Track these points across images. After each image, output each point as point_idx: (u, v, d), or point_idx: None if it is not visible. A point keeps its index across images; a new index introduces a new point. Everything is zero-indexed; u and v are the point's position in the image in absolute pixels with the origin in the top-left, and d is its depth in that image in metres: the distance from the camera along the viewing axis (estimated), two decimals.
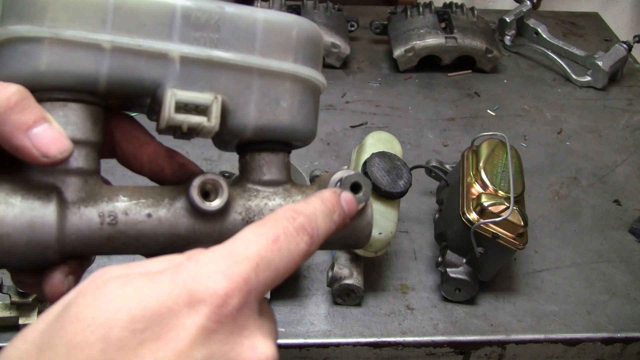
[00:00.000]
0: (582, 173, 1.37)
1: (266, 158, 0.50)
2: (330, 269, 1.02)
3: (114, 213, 0.45)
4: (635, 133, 1.51)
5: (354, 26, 1.70)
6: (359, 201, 0.48)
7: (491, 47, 1.62)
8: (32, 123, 0.42)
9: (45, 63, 0.43)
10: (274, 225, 0.42)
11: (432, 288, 1.08)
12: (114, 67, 0.44)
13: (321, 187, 0.50)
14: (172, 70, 0.46)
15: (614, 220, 1.26)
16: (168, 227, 0.46)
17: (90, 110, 0.46)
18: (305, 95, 0.50)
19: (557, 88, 1.64)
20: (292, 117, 0.49)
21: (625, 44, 1.64)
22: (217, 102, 0.46)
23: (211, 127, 0.46)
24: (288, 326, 1.00)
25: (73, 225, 0.44)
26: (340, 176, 0.48)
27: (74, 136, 0.44)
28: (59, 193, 0.44)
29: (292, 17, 0.49)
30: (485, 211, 0.98)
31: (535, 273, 1.13)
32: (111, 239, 0.45)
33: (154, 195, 0.47)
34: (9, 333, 0.94)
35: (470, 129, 1.46)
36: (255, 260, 0.39)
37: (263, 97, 0.48)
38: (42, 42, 0.43)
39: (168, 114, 0.45)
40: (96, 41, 0.44)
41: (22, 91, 0.42)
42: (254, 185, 0.50)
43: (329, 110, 1.47)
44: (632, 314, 1.06)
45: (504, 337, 1.02)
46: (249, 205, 0.48)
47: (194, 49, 0.46)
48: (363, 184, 0.48)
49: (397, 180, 0.97)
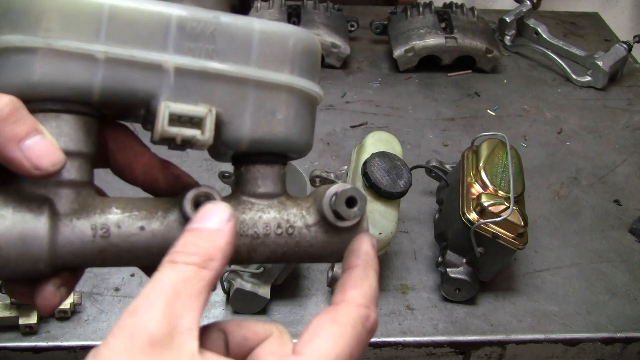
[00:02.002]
0: (582, 173, 1.37)
1: (261, 170, 0.49)
2: (330, 269, 1.02)
3: (106, 225, 0.45)
4: (635, 133, 1.51)
5: (354, 26, 1.70)
6: (354, 215, 0.47)
7: (491, 47, 1.62)
8: (24, 135, 0.41)
9: (39, 73, 0.43)
10: (350, 332, 0.43)
11: (432, 288, 1.08)
12: (107, 78, 0.44)
13: (317, 201, 0.49)
14: (166, 82, 0.45)
15: (614, 220, 1.26)
16: (161, 240, 0.46)
17: (83, 121, 0.45)
18: (301, 107, 0.49)
19: (557, 88, 1.64)
20: (288, 129, 0.48)
21: (625, 44, 1.64)
22: (211, 115, 0.45)
23: (205, 141, 0.45)
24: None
25: (65, 238, 0.44)
26: (335, 190, 0.48)
27: (66, 148, 0.44)
28: (51, 205, 0.44)
29: (289, 28, 0.48)
30: (485, 211, 0.98)
31: (535, 273, 1.13)
32: (103, 251, 0.45)
33: (148, 208, 0.46)
34: (9, 333, 0.94)
35: (470, 129, 1.46)
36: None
37: (258, 109, 0.47)
38: (35, 52, 0.43)
39: (162, 126, 0.44)
40: (90, 51, 0.43)
41: (14, 102, 0.41)
42: (249, 198, 0.49)
43: (329, 110, 1.47)
44: (632, 314, 1.06)
45: (504, 337, 1.02)
46: (243, 219, 0.48)
47: (189, 60, 0.45)
48: (358, 198, 0.47)
49: (397, 180, 0.97)
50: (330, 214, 0.48)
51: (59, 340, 0.95)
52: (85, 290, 1.02)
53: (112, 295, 1.02)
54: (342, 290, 0.45)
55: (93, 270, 1.04)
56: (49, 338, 0.95)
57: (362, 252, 0.47)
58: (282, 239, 0.48)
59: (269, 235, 0.48)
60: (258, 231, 0.48)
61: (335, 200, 0.47)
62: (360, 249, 0.47)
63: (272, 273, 0.98)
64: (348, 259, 0.47)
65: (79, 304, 0.98)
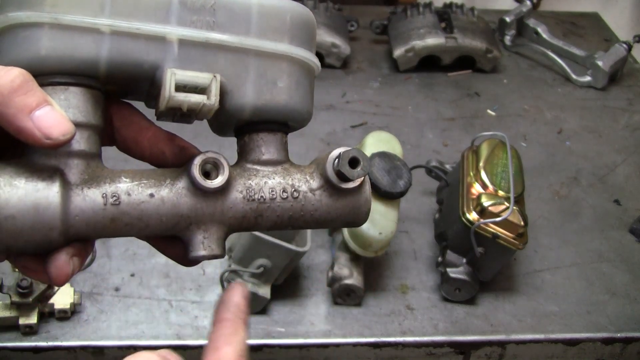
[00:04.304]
0: (582, 173, 1.37)
1: (264, 138, 0.51)
2: (330, 269, 1.02)
3: (116, 194, 0.46)
4: (635, 133, 1.51)
5: (354, 26, 1.70)
6: (357, 175, 0.49)
7: (491, 47, 1.62)
8: (34, 105, 0.42)
9: (46, 48, 0.44)
10: None
11: (432, 288, 1.08)
12: (113, 50, 0.45)
13: (320, 165, 0.51)
14: (170, 53, 0.46)
15: (614, 220, 1.26)
16: (170, 207, 0.47)
17: (90, 94, 0.46)
18: (301, 76, 0.51)
19: (557, 88, 1.64)
20: (290, 97, 0.50)
21: (625, 44, 1.64)
22: (216, 81, 0.47)
23: (211, 105, 0.47)
24: (288, 326, 1.00)
25: (77, 207, 0.45)
26: (338, 152, 0.49)
27: (75, 119, 0.45)
28: (62, 175, 0.45)
29: (286, 1, 0.51)
30: (485, 211, 0.98)
31: (535, 273, 1.13)
32: (114, 219, 0.46)
33: (156, 177, 0.48)
34: (9, 333, 0.94)
35: (470, 129, 1.46)
36: None
37: (260, 78, 0.49)
38: (42, 27, 0.44)
39: (169, 93, 0.46)
40: (95, 25, 0.45)
41: (24, 74, 0.43)
42: (253, 165, 0.50)
43: (329, 110, 1.46)
44: (632, 314, 1.06)
45: (504, 337, 1.02)
46: (250, 184, 0.49)
47: (192, 32, 0.47)
48: (361, 158, 0.48)
49: (397, 180, 0.97)
50: (334, 176, 0.49)
51: (59, 340, 0.95)
52: (85, 290, 1.02)
53: (112, 295, 1.02)
54: (215, 348, 0.47)
55: (93, 270, 1.04)
56: (49, 338, 0.95)
57: (232, 304, 0.49)
58: (288, 203, 0.49)
59: (275, 200, 0.49)
60: (264, 196, 0.49)
61: (339, 161, 0.48)
62: (231, 300, 0.49)
63: (272, 273, 0.98)
64: (219, 311, 0.49)
65: (79, 304, 0.98)
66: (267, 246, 0.94)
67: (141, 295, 1.03)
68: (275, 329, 0.99)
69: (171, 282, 1.05)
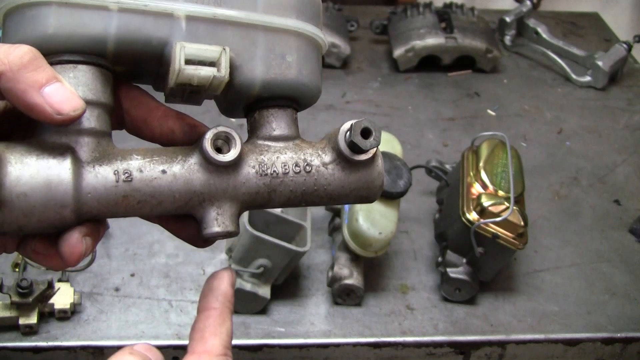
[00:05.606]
0: (582, 173, 1.37)
1: (275, 114, 0.51)
2: (330, 269, 1.02)
3: (128, 170, 0.45)
4: (635, 133, 1.51)
5: (354, 26, 1.70)
6: (370, 146, 0.48)
7: (491, 47, 1.62)
8: (44, 81, 0.42)
9: (54, 26, 0.44)
10: None
11: (432, 288, 1.08)
12: (121, 27, 0.45)
13: (332, 140, 0.50)
14: (178, 29, 0.47)
15: (614, 220, 1.26)
16: (183, 183, 0.46)
17: (99, 72, 0.46)
18: (309, 51, 0.51)
19: (557, 88, 1.64)
20: (298, 71, 0.50)
21: (625, 44, 1.64)
22: (225, 53, 0.47)
23: (222, 78, 0.46)
24: (288, 326, 1.00)
25: (89, 184, 0.44)
26: (350, 123, 0.49)
27: (85, 96, 0.45)
28: (73, 152, 0.45)
29: None
30: (485, 211, 0.98)
31: (535, 273, 1.13)
32: (127, 197, 0.45)
33: (167, 154, 0.47)
34: (9, 333, 0.94)
35: (470, 129, 1.46)
36: None
37: (269, 53, 0.49)
38: (49, 5, 0.44)
39: (178, 66, 0.45)
40: (103, 3, 0.45)
41: (33, 51, 0.43)
42: (265, 141, 0.50)
43: (329, 110, 1.46)
44: (632, 314, 1.06)
45: (504, 337, 1.02)
46: (262, 159, 0.49)
47: (199, 8, 0.47)
48: (373, 128, 0.48)
49: (397, 180, 0.97)
50: (346, 148, 0.49)
51: (59, 340, 0.95)
52: (85, 290, 1.02)
53: (112, 295, 1.02)
54: (202, 339, 0.47)
55: (93, 270, 1.04)
56: (49, 338, 0.95)
57: (220, 292, 0.49)
58: (301, 177, 0.49)
59: (287, 174, 0.49)
60: (277, 170, 0.48)
61: (351, 133, 0.48)
62: (219, 288, 0.49)
63: (272, 273, 0.98)
64: (206, 299, 0.49)
65: (79, 304, 0.98)
66: (267, 246, 0.94)
67: (141, 295, 1.03)
68: (275, 329, 0.99)
69: (171, 282, 1.05)
